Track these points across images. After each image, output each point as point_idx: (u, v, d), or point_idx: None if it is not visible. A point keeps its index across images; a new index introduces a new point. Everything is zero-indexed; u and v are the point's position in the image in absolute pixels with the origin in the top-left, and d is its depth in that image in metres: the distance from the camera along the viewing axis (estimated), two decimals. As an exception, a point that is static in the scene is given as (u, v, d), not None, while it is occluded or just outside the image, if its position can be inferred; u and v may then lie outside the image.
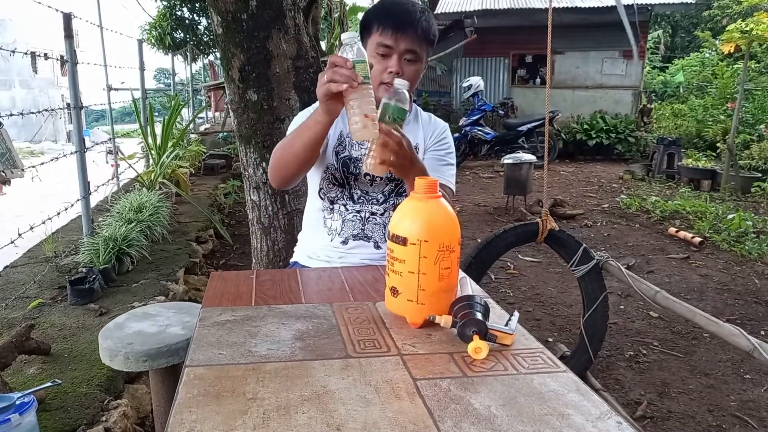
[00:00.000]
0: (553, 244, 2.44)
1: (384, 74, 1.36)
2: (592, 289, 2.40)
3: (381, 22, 1.36)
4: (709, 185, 7.15)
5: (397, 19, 1.35)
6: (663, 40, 19.95)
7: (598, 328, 2.43)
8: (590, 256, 2.37)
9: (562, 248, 2.45)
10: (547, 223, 2.35)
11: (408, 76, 1.37)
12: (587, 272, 2.36)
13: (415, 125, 1.54)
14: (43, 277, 2.83)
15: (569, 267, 2.43)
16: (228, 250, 4.43)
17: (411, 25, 1.35)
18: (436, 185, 1.00)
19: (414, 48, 1.36)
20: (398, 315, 1.05)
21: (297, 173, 1.40)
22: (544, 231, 2.36)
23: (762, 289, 3.77)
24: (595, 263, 2.36)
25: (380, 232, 1.50)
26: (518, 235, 2.42)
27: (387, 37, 1.35)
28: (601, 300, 2.38)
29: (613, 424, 0.75)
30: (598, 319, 2.42)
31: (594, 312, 2.40)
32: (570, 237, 2.45)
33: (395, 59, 1.36)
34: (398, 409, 0.76)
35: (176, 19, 9.77)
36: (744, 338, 1.66)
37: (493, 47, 11.00)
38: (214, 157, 6.80)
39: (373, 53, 1.37)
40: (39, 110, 3.22)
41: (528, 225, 2.42)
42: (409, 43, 1.36)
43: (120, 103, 5.87)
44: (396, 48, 1.35)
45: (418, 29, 1.36)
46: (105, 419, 1.74)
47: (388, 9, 1.39)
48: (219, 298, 1.15)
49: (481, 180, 8.07)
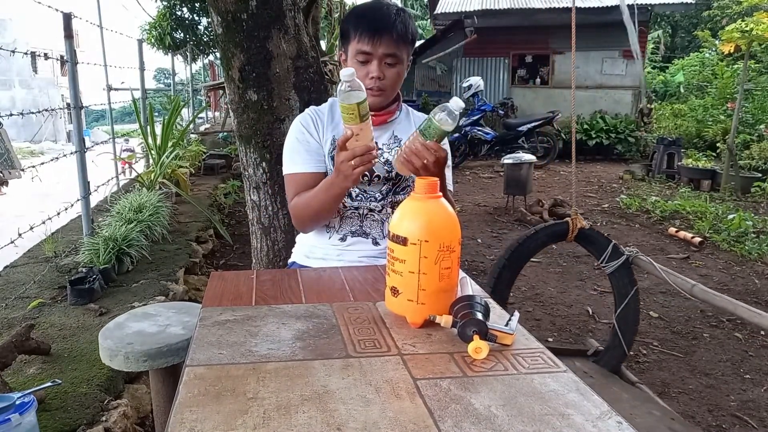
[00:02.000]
0: (583, 242, 2.48)
1: (366, 80, 1.38)
2: (623, 285, 2.43)
3: (357, 29, 1.36)
4: (709, 185, 7.15)
5: (373, 25, 1.35)
6: (663, 40, 19.95)
7: (631, 322, 2.46)
8: (620, 252, 2.40)
9: (592, 246, 2.49)
10: (576, 221, 2.39)
11: (390, 79, 1.40)
12: (617, 268, 2.39)
13: (408, 124, 1.54)
14: (43, 277, 2.83)
15: (599, 263, 2.46)
16: (228, 250, 4.43)
17: (387, 29, 1.35)
18: (437, 185, 1.00)
19: (393, 51, 1.37)
20: (398, 315, 1.05)
21: (323, 223, 1.51)
22: (574, 230, 2.39)
23: (762, 289, 3.77)
24: (625, 258, 2.39)
25: (378, 229, 1.50)
26: (549, 234, 2.46)
27: (365, 43, 1.35)
28: (632, 294, 2.41)
29: (614, 424, 0.75)
30: (630, 314, 2.45)
31: (626, 306, 2.43)
32: (600, 234, 2.50)
33: (375, 64, 1.37)
34: (398, 408, 0.76)
35: (176, 19, 9.77)
36: None
37: (493, 47, 11.01)
38: (214, 157, 6.80)
39: (353, 60, 1.38)
40: (39, 110, 3.22)
41: (558, 225, 2.46)
42: (388, 47, 1.36)
43: (120, 103, 5.88)
44: (375, 53, 1.36)
45: (393, 33, 1.36)
46: (105, 419, 1.74)
47: (363, 15, 1.39)
48: (219, 298, 1.15)
49: (481, 180, 8.08)
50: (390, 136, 1.51)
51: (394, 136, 1.51)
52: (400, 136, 1.51)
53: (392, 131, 1.51)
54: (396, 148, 1.50)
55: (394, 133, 1.51)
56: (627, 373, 2.52)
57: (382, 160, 1.48)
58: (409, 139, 1.24)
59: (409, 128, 1.53)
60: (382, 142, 1.49)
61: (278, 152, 2.34)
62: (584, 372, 2.37)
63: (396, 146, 1.50)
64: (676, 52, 21.08)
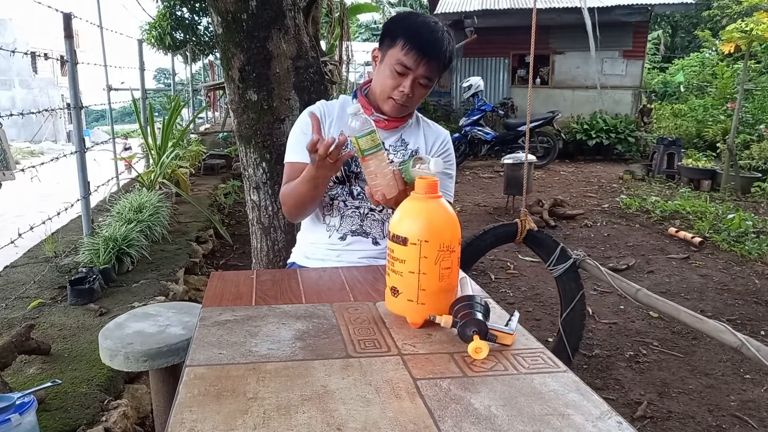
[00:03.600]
0: (532, 244, 2.47)
1: (395, 92, 1.38)
2: (570, 288, 2.42)
3: (408, 42, 1.33)
4: (709, 185, 7.15)
5: (425, 45, 1.33)
6: (663, 40, 19.95)
7: (576, 326, 2.45)
8: (567, 256, 2.38)
9: (540, 248, 2.47)
10: (525, 223, 2.37)
11: (417, 98, 1.41)
12: (564, 271, 2.38)
13: (416, 131, 1.54)
14: (43, 277, 2.83)
15: (547, 267, 2.45)
16: (228, 250, 4.43)
17: (436, 55, 1.34)
18: (437, 185, 1.00)
19: (431, 76, 1.37)
20: (398, 315, 1.05)
21: (308, 212, 1.51)
22: (522, 231, 2.38)
23: (762, 289, 3.77)
24: (572, 262, 2.37)
25: (379, 229, 1.50)
26: (498, 235, 2.45)
27: (410, 59, 1.33)
28: (578, 299, 2.40)
29: (614, 424, 0.75)
30: (576, 318, 2.44)
31: (572, 311, 2.42)
32: (548, 237, 2.48)
33: (410, 81, 1.36)
34: (398, 408, 0.76)
35: (176, 19, 9.76)
36: (730, 334, 1.65)
37: (493, 47, 11.00)
38: (214, 157, 6.80)
39: (389, 67, 1.37)
40: (39, 110, 3.22)
41: (507, 225, 2.45)
42: (429, 71, 1.36)
43: (120, 103, 5.87)
44: (414, 71, 1.35)
45: (441, 60, 1.35)
46: (105, 419, 1.74)
47: (418, 30, 1.35)
48: (219, 298, 1.15)
49: (481, 180, 8.07)
50: (398, 138, 1.51)
51: (402, 139, 1.51)
52: (408, 140, 1.51)
53: (400, 134, 1.51)
54: (402, 150, 1.50)
55: (402, 136, 1.51)
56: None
57: (387, 161, 1.48)
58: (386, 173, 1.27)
59: (417, 133, 1.53)
60: (389, 143, 1.49)
61: (278, 152, 2.34)
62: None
63: (402, 149, 1.50)
64: (676, 52, 21.07)
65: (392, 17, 1.47)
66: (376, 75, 1.42)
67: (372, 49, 1.50)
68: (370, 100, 1.47)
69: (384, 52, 1.40)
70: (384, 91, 1.40)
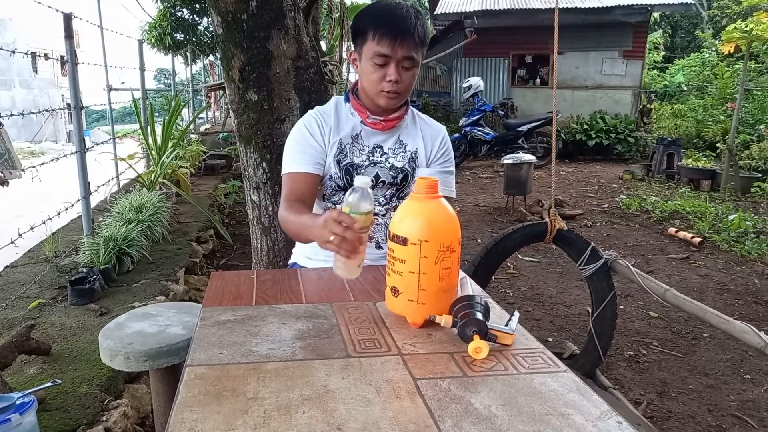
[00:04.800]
0: (562, 243, 2.45)
1: (383, 83, 1.36)
2: (601, 288, 2.41)
3: (377, 30, 1.33)
4: (709, 185, 7.15)
5: (394, 28, 1.32)
6: (663, 41, 19.95)
7: (607, 326, 2.44)
8: (598, 255, 2.38)
9: (571, 248, 2.45)
10: (555, 222, 2.36)
11: (406, 82, 1.39)
12: (595, 271, 2.37)
13: (414, 129, 1.53)
14: (44, 277, 2.83)
15: (577, 266, 2.44)
16: (228, 250, 4.43)
17: (408, 32, 1.33)
18: (437, 185, 1.00)
19: (411, 55, 1.35)
20: (398, 315, 1.05)
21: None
22: (552, 231, 2.36)
23: (762, 289, 3.77)
24: (603, 262, 2.36)
25: (382, 233, 1.50)
26: (526, 234, 2.43)
27: (384, 45, 1.33)
28: (609, 299, 2.39)
29: (614, 424, 0.75)
30: (607, 318, 2.43)
31: (603, 311, 2.41)
32: (578, 237, 2.46)
33: (393, 67, 1.35)
34: (399, 408, 0.76)
35: (176, 19, 9.76)
36: (755, 335, 1.65)
37: (493, 47, 11.02)
38: (215, 157, 6.80)
39: (369, 61, 1.36)
40: (39, 110, 3.22)
41: (536, 225, 2.43)
42: (407, 50, 1.34)
43: (120, 104, 5.87)
44: (394, 56, 1.34)
45: (415, 36, 1.34)
46: (105, 419, 1.74)
47: (382, 16, 1.35)
48: (220, 298, 1.15)
49: (481, 180, 8.07)
50: (395, 140, 1.50)
51: (400, 141, 1.51)
52: (406, 141, 1.51)
53: (398, 136, 1.51)
54: (401, 153, 1.49)
55: (400, 137, 1.51)
56: (601, 378, 2.50)
57: (387, 165, 1.48)
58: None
59: (415, 133, 1.52)
60: (387, 146, 1.49)
61: (278, 152, 2.34)
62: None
63: (401, 151, 1.50)
64: (676, 52, 21.08)
65: (355, 15, 1.46)
66: (361, 75, 1.42)
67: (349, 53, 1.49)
68: (362, 102, 1.46)
69: (359, 50, 1.39)
70: (373, 86, 1.38)
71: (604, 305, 2.39)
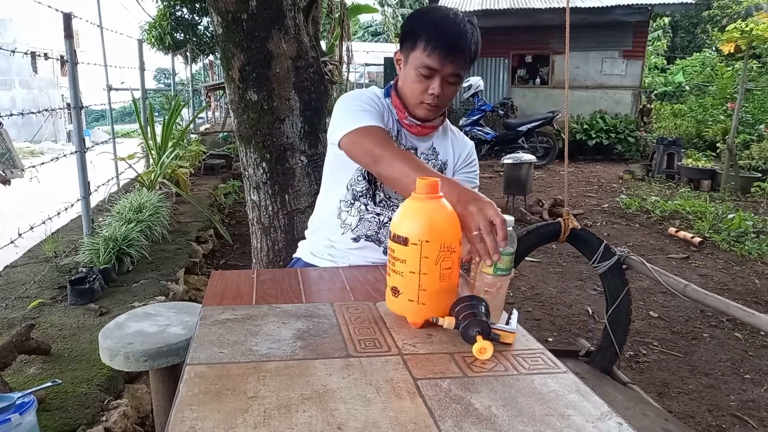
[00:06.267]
0: (575, 242, 2.47)
1: (425, 95, 1.32)
2: (615, 285, 2.43)
3: (430, 41, 1.25)
4: (709, 185, 7.16)
5: (449, 43, 1.25)
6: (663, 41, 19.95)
7: (623, 322, 2.46)
8: (612, 252, 2.40)
9: (584, 246, 2.48)
10: (569, 222, 2.38)
11: (447, 96, 1.34)
12: (609, 268, 2.39)
13: (444, 140, 1.51)
14: (43, 277, 2.83)
15: (591, 264, 2.46)
16: (228, 250, 4.43)
17: (462, 50, 1.26)
18: (437, 185, 1.00)
19: (459, 72, 1.30)
20: (399, 315, 1.05)
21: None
22: (566, 230, 2.38)
23: (762, 289, 3.77)
24: (617, 259, 2.38)
25: None
26: (540, 235, 2.45)
27: (435, 60, 1.26)
28: (624, 295, 2.41)
29: (614, 425, 0.75)
30: (622, 314, 2.45)
31: (618, 307, 2.42)
32: (591, 235, 2.49)
33: (437, 81, 1.29)
34: (399, 408, 0.76)
35: (176, 19, 9.75)
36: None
37: (493, 47, 11.00)
38: (214, 157, 6.80)
39: (414, 70, 1.31)
40: (39, 110, 3.22)
41: (550, 225, 2.45)
42: (456, 68, 1.28)
43: (120, 103, 5.88)
44: (441, 72, 1.28)
45: (468, 54, 1.28)
46: (105, 419, 1.74)
47: (440, 28, 1.27)
48: (220, 297, 1.15)
49: (481, 180, 8.02)
50: (429, 146, 1.48)
51: (433, 147, 1.48)
52: (438, 149, 1.49)
53: (431, 142, 1.48)
54: (432, 160, 1.47)
55: (433, 144, 1.48)
56: (619, 374, 2.51)
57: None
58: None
59: (446, 143, 1.50)
60: (421, 150, 1.47)
61: (278, 152, 2.34)
62: (576, 373, 2.37)
63: (433, 158, 1.47)
64: (676, 52, 21.07)
65: (410, 15, 1.39)
66: (402, 79, 1.37)
67: (394, 51, 1.42)
68: (402, 101, 1.41)
69: (406, 54, 1.33)
70: (414, 96, 1.34)
71: (619, 301, 2.41)
